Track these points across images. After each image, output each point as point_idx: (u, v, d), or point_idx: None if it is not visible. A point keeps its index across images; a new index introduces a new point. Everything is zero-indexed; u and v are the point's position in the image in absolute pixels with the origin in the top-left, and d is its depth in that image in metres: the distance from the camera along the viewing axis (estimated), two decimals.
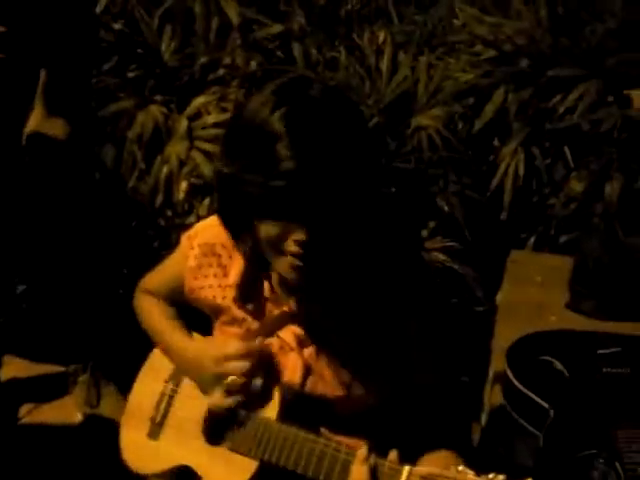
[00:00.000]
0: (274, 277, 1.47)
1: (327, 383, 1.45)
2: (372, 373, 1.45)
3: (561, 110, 3.05)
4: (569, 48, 3.13)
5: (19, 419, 2.40)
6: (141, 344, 1.71)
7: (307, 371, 1.45)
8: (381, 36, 3.05)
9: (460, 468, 1.20)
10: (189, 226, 1.65)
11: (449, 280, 2.82)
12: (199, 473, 1.50)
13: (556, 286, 2.54)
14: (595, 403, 1.84)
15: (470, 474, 1.19)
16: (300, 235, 1.29)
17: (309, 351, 1.45)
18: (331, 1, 3.22)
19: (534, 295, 2.55)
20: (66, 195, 2.25)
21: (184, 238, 1.61)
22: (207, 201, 2.63)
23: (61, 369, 2.40)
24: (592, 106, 3.02)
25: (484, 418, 2.17)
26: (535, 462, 1.85)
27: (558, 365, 1.97)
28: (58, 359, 2.42)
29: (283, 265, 1.34)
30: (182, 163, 2.71)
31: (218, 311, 1.54)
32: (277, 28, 3.06)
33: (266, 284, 1.48)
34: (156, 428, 1.59)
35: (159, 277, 1.70)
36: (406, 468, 1.28)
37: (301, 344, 1.45)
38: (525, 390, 1.91)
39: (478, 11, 3.65)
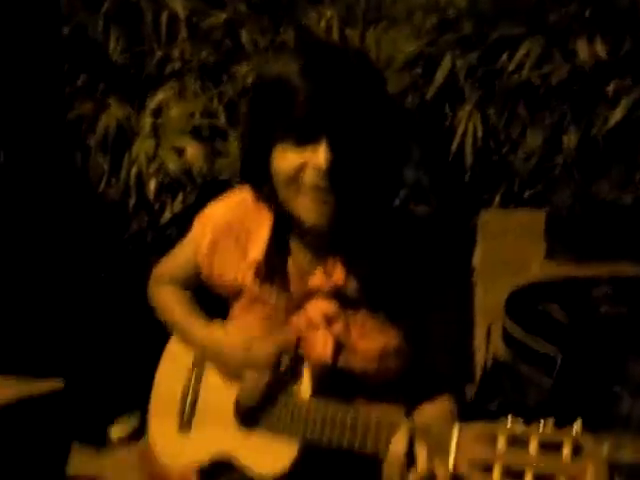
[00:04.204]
0: (297, 254, 1.45)
1: (359, 357, 1.43)
2: (401, 345, 1.43)
3: (510, 69, 3.10)
4: (510, 8, 3.18)
5: None
6: None
7: (338, 347, 1.43)
8: (328, 14, 3.05)
9: (510, 419, 1.18)
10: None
11: None
12: (239, 458, 1.46)
13: (530, 239, 2.59)
14: (601, 343, 1.89)
15: (521, 423, 1.16)
16: (320, 158, 1.26)
17: (339, 327, 1.43)
18: None
19: (511, 251, 2.59)
20: (42, 206, 2.21)
21: (196, 222, 1.57)
22: (180, 197, 2.58)
23: None
24: (539, 61, 3.09)
25: (478, 374, 2.20)
26: (547, 406, 1.89)
27: (557, 312, 2.01)
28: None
29: (305, 203, 1.30)
30: (149, 161, 2.67)
31: (239, 292, 1.50)
32: (221, 17, 3.04)
33: (290, 260, 1.45)
34: (186, 420, 1.57)
35: (173, 264, 1.65)
36: (456, 425, 1.20)
37: (329, 321, 1.43)
38: (530, 338, 1.95)
39: None
